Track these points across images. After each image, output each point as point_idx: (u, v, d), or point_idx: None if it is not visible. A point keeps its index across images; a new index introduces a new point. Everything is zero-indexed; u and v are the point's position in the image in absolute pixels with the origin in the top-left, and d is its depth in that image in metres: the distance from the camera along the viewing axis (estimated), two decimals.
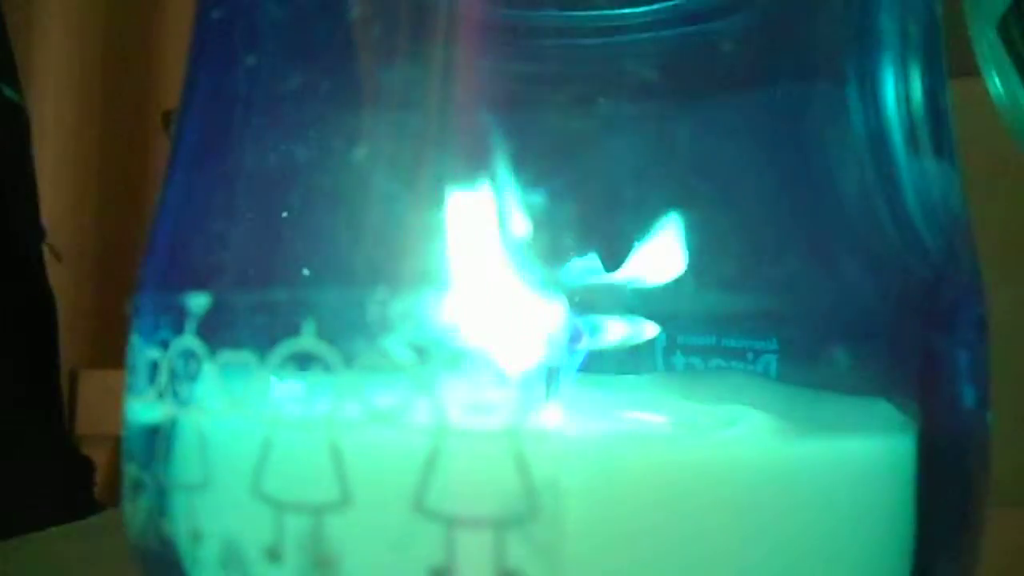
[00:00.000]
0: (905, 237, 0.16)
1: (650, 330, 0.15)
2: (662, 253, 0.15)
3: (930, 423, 0.15)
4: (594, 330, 0.14)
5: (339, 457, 0.13)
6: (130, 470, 0.15)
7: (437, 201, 0.14)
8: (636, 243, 0.15)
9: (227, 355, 0.14)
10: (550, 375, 0.14)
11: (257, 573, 0.13)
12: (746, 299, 0.15)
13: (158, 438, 0.14)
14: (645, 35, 0.16)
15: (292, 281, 0.14)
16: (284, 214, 0.15)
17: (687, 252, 0.15)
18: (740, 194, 0.16)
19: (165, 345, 0.14)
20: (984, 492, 0.15)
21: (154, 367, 0.15)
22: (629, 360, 0.15)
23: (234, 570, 0.13)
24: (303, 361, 0.13)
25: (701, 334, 0.17)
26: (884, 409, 0.15)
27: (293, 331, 0.13)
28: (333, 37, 0.16)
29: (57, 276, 0.60)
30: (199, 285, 0.14)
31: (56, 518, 0.31)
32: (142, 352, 0.15)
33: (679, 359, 0.17)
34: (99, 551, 0.25)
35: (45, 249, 0.59)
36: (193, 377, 0.14)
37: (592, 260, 0.15)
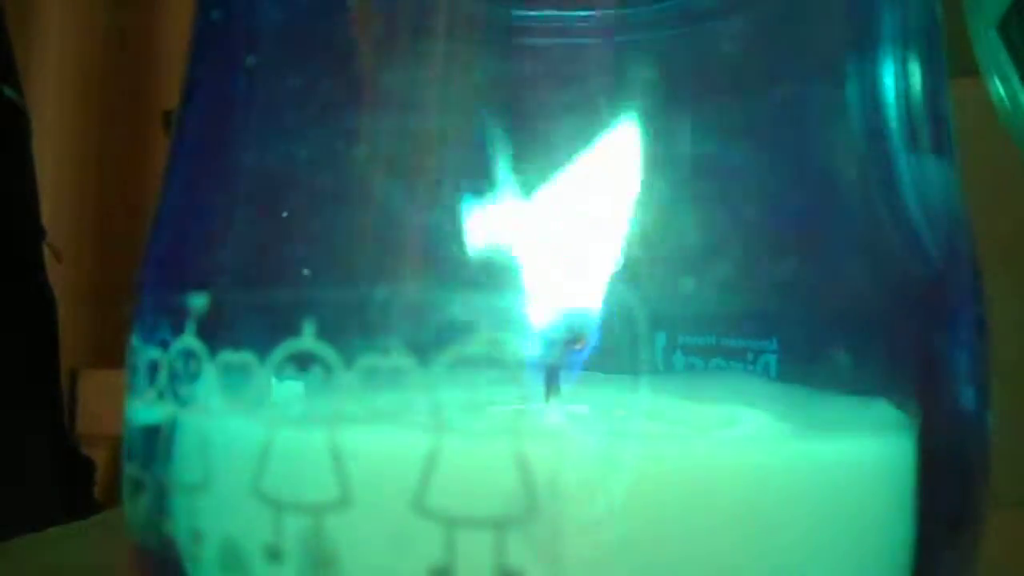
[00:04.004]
0: (905, 237, 0.16)
1: (650, 330, 0.15)
2: (662, 253, 0.15)
3: (930, 423, 0.15)
4: (594, 330, 0.14)
5: (339, 457, 0.13)
6: (130, 470, 0.15)
7: (437, 201, 0.14)
8: (636, 243, 0.15)
9: (227, 355, 0.14)
10: (550, 375, 0.14)
11: (257, 573, 0.13)
12: (746, 299, 0.15)
13: (158, 438, 0.14)
14: (645, 35, 0.16)
15: (292, 281, 0.14)
16: (284, 214, 0.15)
17: (687, 252, 0.15)
18: (740, 194, 0.16)
19: (165, 345, 0.14)
20: (984, 492, 0.15)
21: (154, 367, 0.15)
22: (629, 360, 0.15)
23: (234, 570, 0.13)
24: (303, 361, 0.13)
25: (701, 334, 0.17)
26: (884, 409, 0.15)
27: (293, 331, 0.13)
28: (333, 37, 0.16)
29: (57, 276, 0.60)
30: (199, 285, 0.14)
31: (56, 518, 0.31)
32: (142, 352, 0.15)
33: (679, 359, 0.17)
34: (99, 551, 0.25)
35: (45, 249, 0.59)
36: (193, 377, 0.14)
37: (592, 260, 0.15)
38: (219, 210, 0.16)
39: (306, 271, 0.14)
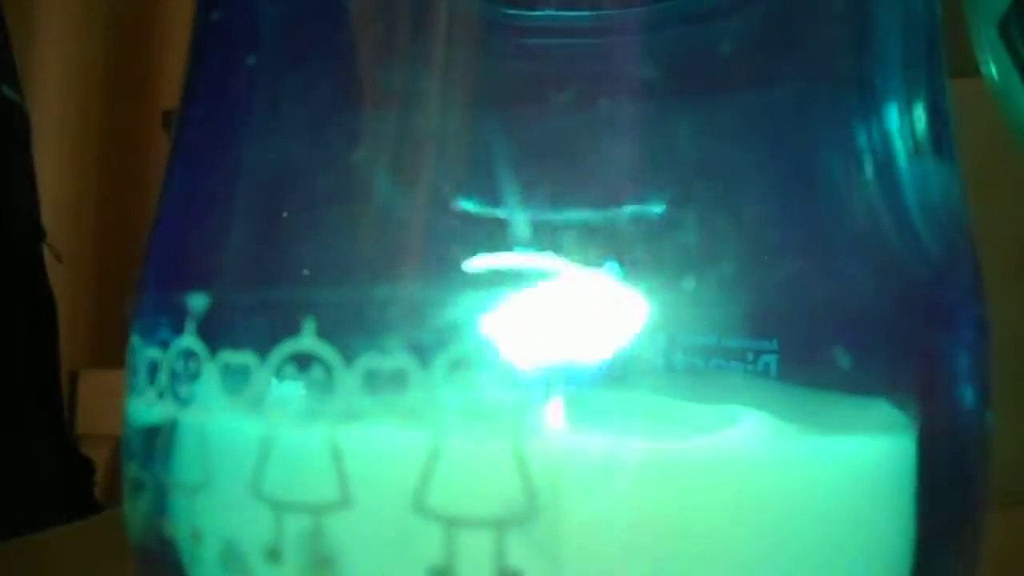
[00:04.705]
0: (905, 237, 0.16)
1: (650, 330, 0.15)
2: (662, 253, 0.15)
3: (930, 423, 0.15)
4: (594, 329, 0.14)
5: (339, 457, 0.13)
6: (130, 470, 0.15)
7: (437, 201, 0.14)
8: (636, 243, 0.15)
9: (227, 355, 0.14)
10: (550, 375, 0.14)
11: (257, 573, 0.13)
12: (746, 299, 0.15)
13: (158, 438, 0.14)
14: (645, 35, 0.16)
15: (292, 281, 0.14)
16: (284, 214, 0.15)
17: (687, 252, 0.15)
18: (740, 194, 0.16)
19: (165, 345, 0.14)
20: (984, 492, 0.15)
21: (154, 367, 0.15)
22: (629, 360, 0.15)
23: (234, 570, 0.13)
24: (303, 361, 0.13)
25: (701, 334, 0.17)
26: (884, 409, 0.15)
27: (293, 331, 0.13)
28: (333, 37, 0.16)
29: (57, 276, 0.60)
30: (199, 285, 0.14)
31: (56, 518, 0.31)
32: (142, 352, 0.15)
33: (679, 359, 0.17)
34: (99, 551, 0.25)
35: (45, 249, 0.59)
36: (193, 377, 0.14)
37: (592, 260, 0.15)
38: (219, 210, 0.16)
39: (306, 271, 0.14)
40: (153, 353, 0.15)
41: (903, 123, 0.16)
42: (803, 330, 0.16)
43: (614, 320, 0.14)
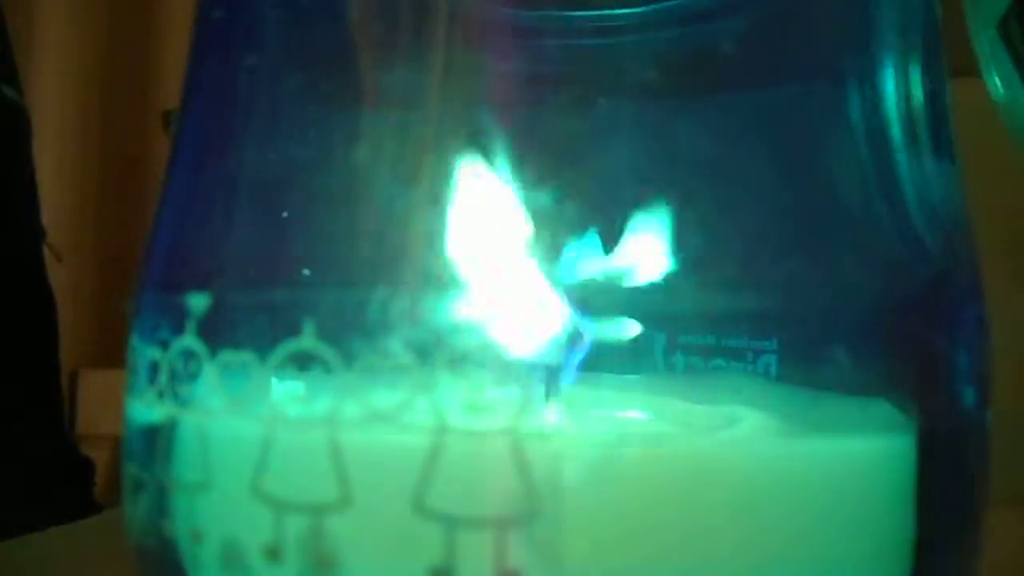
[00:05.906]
0: (905, 237, 0.16)
1: (650, 330, 0.15)
2: (662, 253, 0.15)
3: (930, 423, 0.15)
4: (594, 330, 0.14)
5: (339, 457, 0.13)
6: (130, 470, 0.15)
7: (437, 201, 0.14)
8: (636, 243, 0.15)
9: (227, 355, 0.14)
10: (550, 375, 0.14)
11: (257, 573, 0.13)
12: (746, 299, 0.15)
13: (158, 438, 0.14)
14: (645, 35, 0.16)
15: (292, 281, 0.14)
16: (284, 214, 0.15)
17: (687, 252, 0.15)
18: (740, 194, 0.16)
19: (165, 345, 0.14)
20: (984, 492, 0.15)
21: (154, 367, 0.15)
22: (629, 360, 0.15)
23: (234, 570, 0.13)
24: (303, 361, 0.13)
25: (701, 334, 0.17)
26: (884, 409, 0.15)
27: (293, 331, 0.13)
28: (333, 37, 0.16)
29: (57, 276, 0.60)
30: (199, 285, 0.14)
31: (56, 518, 0.31)
32: (142, 352, 0.15)
33: (679, 359, 0.17)
34: (99, 551, 0.25)
35: (45, 249, 0.59)
36: (193, 377, 0.14)
37: (592, 260, 0.15)
38: (219, 210, 0.16)
39: (306, 271, 0.14)
40: (153, 353, 0.15)
41: (902, 122, 0.16)
42: (803, 330, 0.16)
43: (614, 320, 0.14)
